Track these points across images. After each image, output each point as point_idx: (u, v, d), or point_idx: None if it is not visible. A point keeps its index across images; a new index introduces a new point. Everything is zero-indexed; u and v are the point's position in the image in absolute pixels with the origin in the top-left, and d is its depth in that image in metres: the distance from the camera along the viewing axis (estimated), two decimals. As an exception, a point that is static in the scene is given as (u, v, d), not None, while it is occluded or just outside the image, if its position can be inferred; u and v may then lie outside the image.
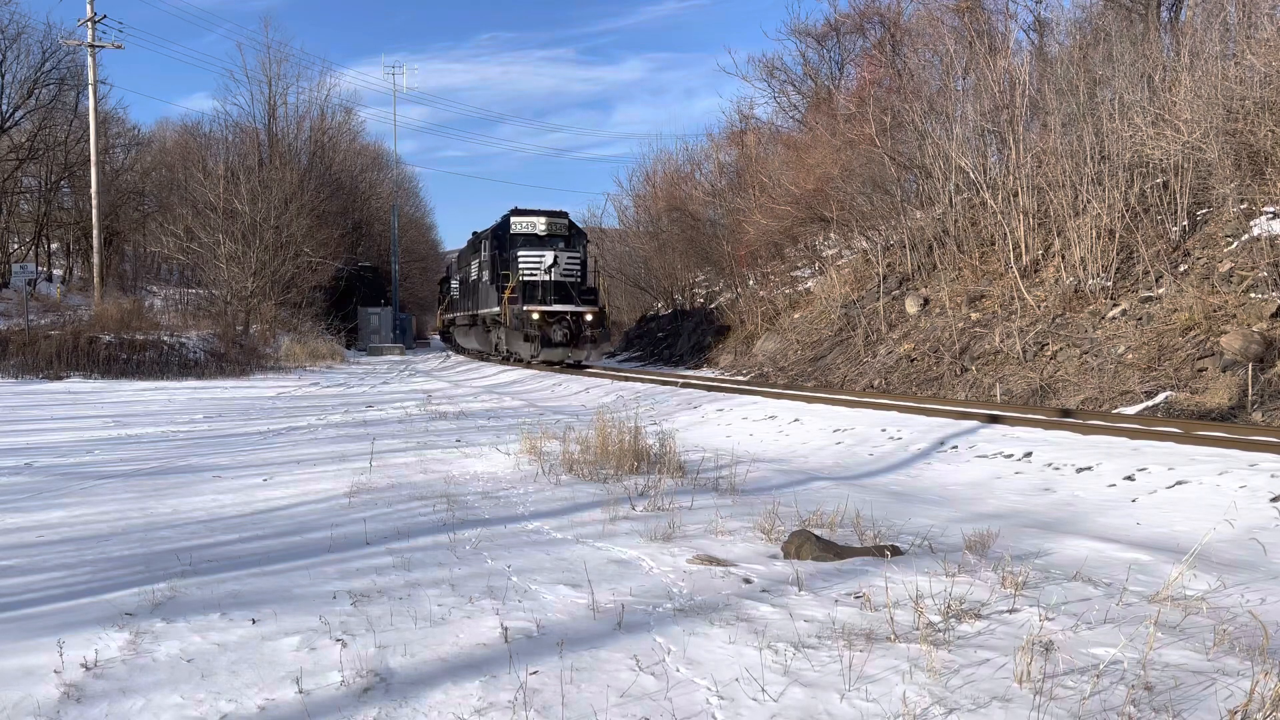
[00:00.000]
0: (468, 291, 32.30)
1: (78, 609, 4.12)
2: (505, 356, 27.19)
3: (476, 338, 30.58)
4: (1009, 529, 5.65)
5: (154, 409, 14.81)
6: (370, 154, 62.07)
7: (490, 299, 26.44)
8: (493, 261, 26.08)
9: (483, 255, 27.74)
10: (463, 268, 34.27)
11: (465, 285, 33.33)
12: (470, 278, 31.63)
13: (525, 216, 25.81)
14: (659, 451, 8.05)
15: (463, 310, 34.43)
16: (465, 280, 33.33)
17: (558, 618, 3.96)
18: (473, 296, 31.03)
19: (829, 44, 33.90)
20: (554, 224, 26.01)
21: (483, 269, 27.90)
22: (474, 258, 30.55)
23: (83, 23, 31.17)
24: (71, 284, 38.47)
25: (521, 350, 24.43)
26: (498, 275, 25.54)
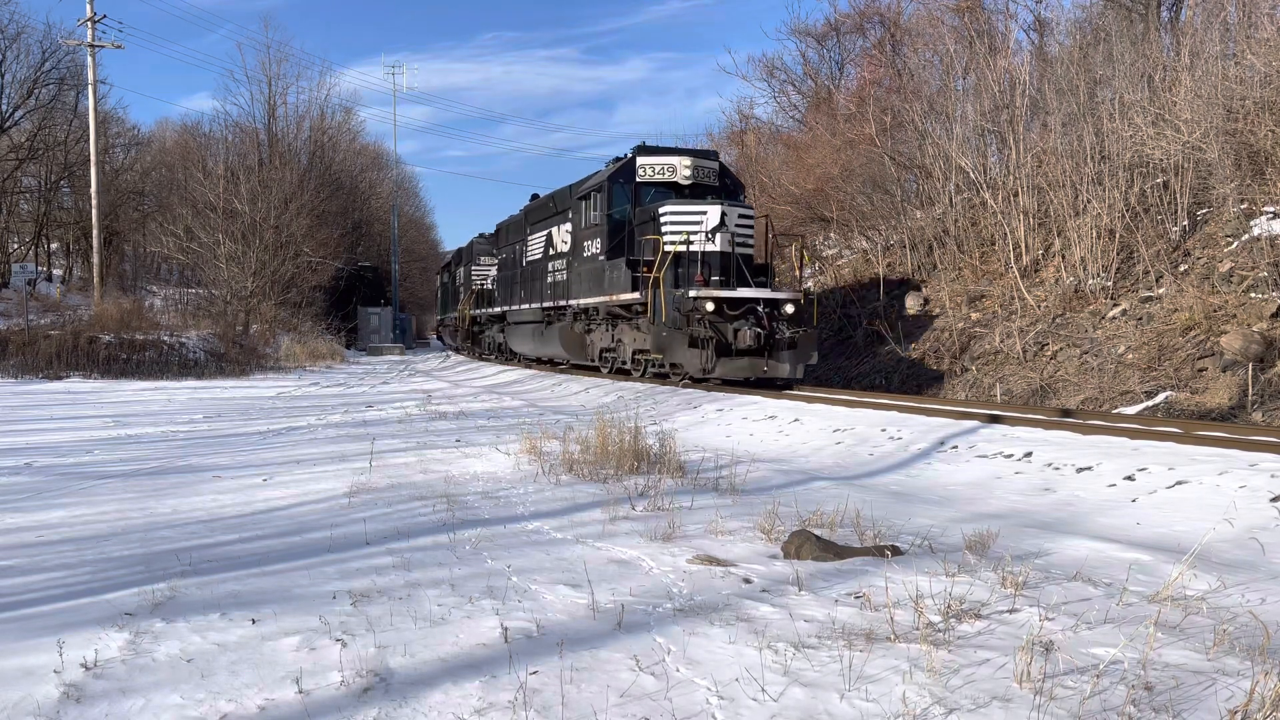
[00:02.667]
0: (520, 277, 24.45)
1: (78, 609, 4.12)
2: (629, 369, 17.55)
3: (558, 340, 20.20)
4: (1009, 529, 5.65)
5: (154, 409, 14.81)
6: (370, 154, 62.13)
7: (595, 281, 17.52)
8: (607, 225, 17.20)
9: (579, 217, 18.68)
10: (505, 246, 26.82)
11: (515, 269, 25.17)
12: (527, 257, 23.64)
13: (660, 157, 17.02)
14: (659, 451, 8.05)
15: (509, 302, 25.72)
16: (514, 262, 25.43)
17: (558, 618, 3.95)
18: (531, 283, 22.93)
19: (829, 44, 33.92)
20: (702, 168, 16.96)
21: (578, 237, 18.80)
22: (541, 226, 22.31)
23: (82, 22, 31.17)
24: (71, 284, 38.48)
25: (683, 359, 14.52)
26: (622, 244, 16.81)
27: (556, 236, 20.95)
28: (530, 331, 23.32)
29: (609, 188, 17.35)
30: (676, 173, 16.97)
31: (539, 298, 22.15)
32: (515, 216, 25.96)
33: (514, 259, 25.49)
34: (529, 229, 23.64)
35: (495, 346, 29.56)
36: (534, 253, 23.09)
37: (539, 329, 22.33)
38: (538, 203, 23.35)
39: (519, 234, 24.87)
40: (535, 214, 23.34)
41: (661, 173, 17.00)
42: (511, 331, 25.93)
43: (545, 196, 22.53)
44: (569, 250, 19.70)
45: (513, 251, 25.75)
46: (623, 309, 16.89)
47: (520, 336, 24.81)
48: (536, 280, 22.57)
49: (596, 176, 18.36)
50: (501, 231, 27.75)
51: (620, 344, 17.72)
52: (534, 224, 23.25)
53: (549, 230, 21.61)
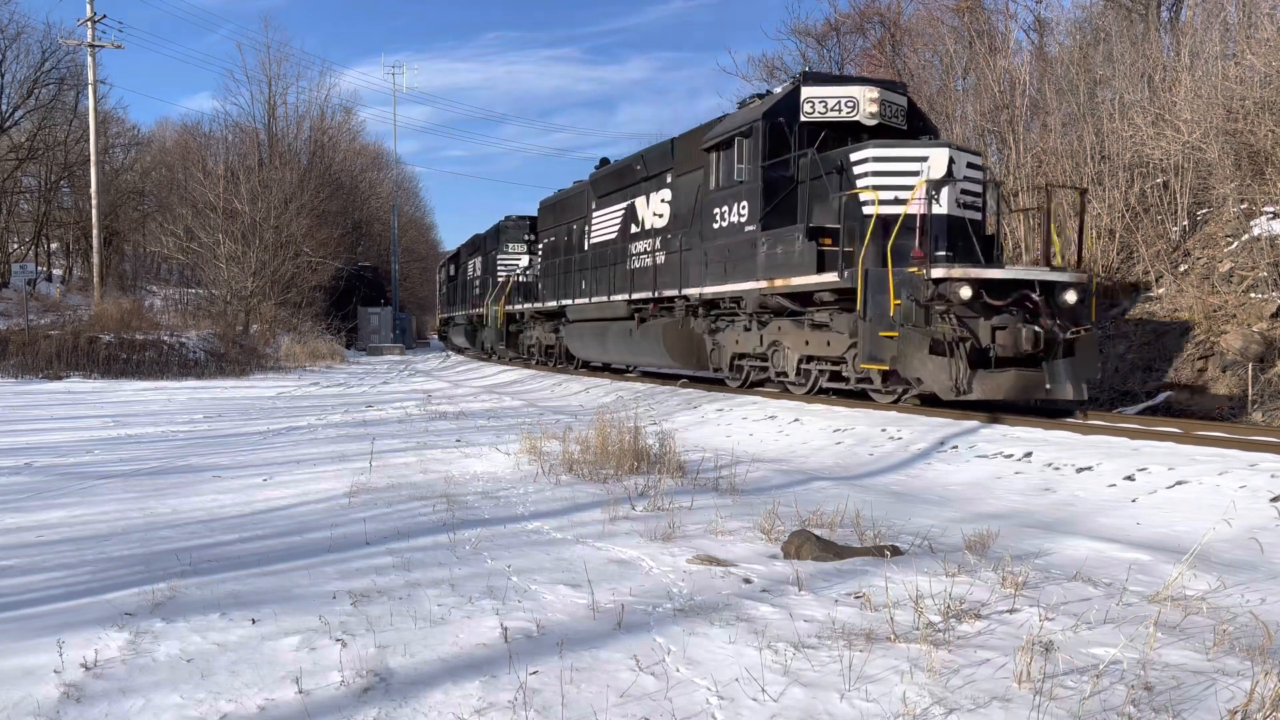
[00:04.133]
0: (581, 264, 19.77)
1: (77, 609, 4.12)
2: (791, 385, 12.81)
3: (658, 343, 15.55)
4: (1009, 529, 5.65)
5: (154, 409, 14.81)
6: (370, 154, 62.17)
7: (738, 261, 12.78)
8: (760, 182, 12.26)
9: (704, 176, 13.80)
10: (554, 227, 22.28)
11: (571, 254, 20.53)
12: (591, 238, 19.23)
13: (834, 87, 12.38)
14: (659, 451, 8.05)
15: (564, 295, 20.73)
16: (569, 245, 20.89)
17: (558, 618, 3.95)
18: (600, 271, 18.43)
19: (829, 44, 33.89)
20: (891, 104, 12.41)
21: (705, 203, 13.92)
22: (616, 199, 17.94)
23: (82, 22, 31.18)
24: (71, 284, 38.48)
25: (924, 372, 9.85)
26: (786, 207, 12.16)
27: (644, 209, 16.64)
28: (603, 332, 18.35)
29: (763, 130, 12.16)
30: (859, 108, 12.16)
31: (615, 288, 17.47)
32: (571, 190, 21.68)
33: (570, 242, 20.83)
34: (595, 203, 19.22)
35: (543, 349, 24.36)
36: (603, 232, 18.60)
37: (621, 329, 17.34)
38: (609, 170, 18.87)
39: (577, 211, 20.53)
40: (606, 184, 18.72)
41: (837, 108, 12.18)
42: (573, 332, 20.55)
43: (625, 160, 17.98)
44: (667, 224, 15.54)
45: (567, 233, 21.26)
46: (790, 299, 12.00)
47: (586, 338, 19.69)
48: (610, 266, 17.95)
49: (734, 118, 13.25)
50: (550, 210, 22.96)
51: (778, 349, 12.81)
52: (604, 196, 18.75)
53: (629, 203, 17.31)
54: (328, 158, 49.41)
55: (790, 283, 11.60)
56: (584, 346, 20.21)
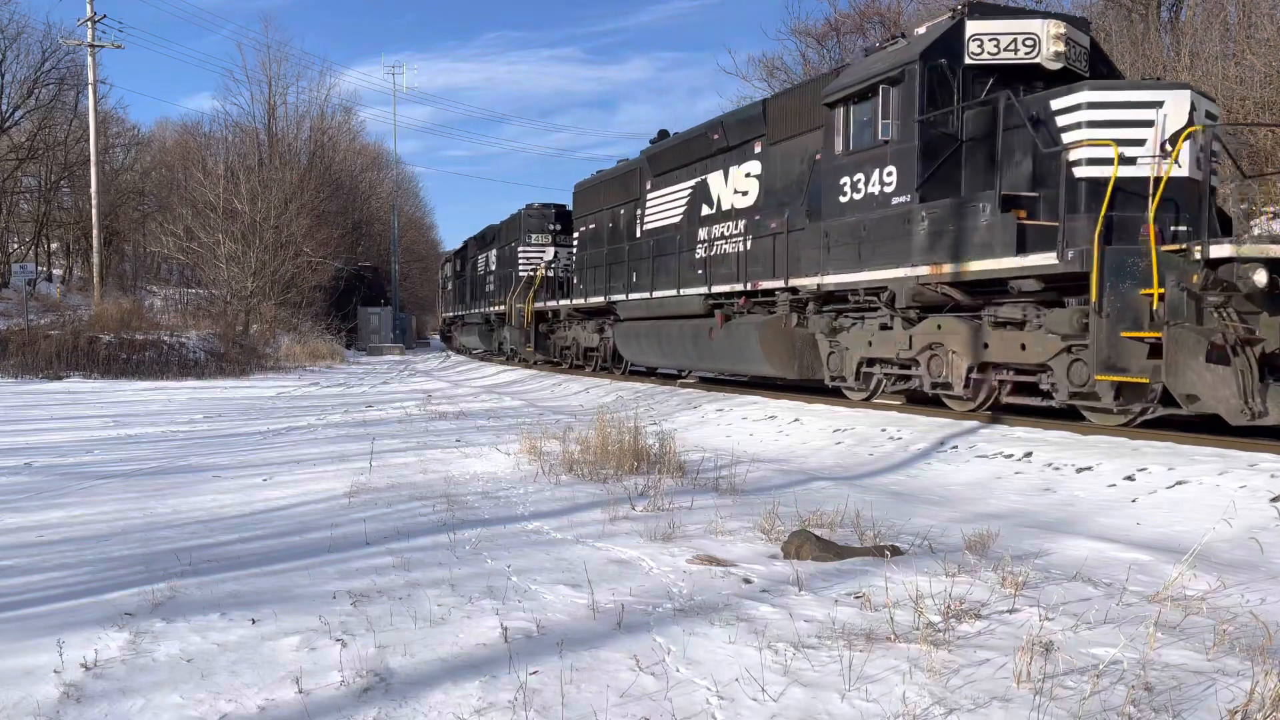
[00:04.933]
0: (634, 254, 17.42)
1: (78, 609, 4.12)
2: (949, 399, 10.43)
3: (753, 345, 12.89)
4: (1009, 529, 5.65)
5: (154, 409, 14.81)
6: (370, 154, 62.22)
7: (881, 242, 10.45)
8: (917, 139, 9.93)
9: (844, 132, 11.07)
10: (595, 213, 19.88)
11: (621, 243, 18.28)
12: (646, 223, 17.03)
13: (1007, 21, 10.00)
14: (659, 451, 8.05)
15: (610, 290, 18.42)
16: (616, 233, 18.75)
17: (558, 618, 3.95)
18: (661, 260, 16.26)
19: (829, 44, 33.89)
20: (1076, 44, 10.16)
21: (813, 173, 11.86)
22: (681, 177, 15.65)
23: (82, 22, 31.19)
24: (71, 284, 38.50)
25: (1201, 387, 7.44)
26: (949, 171, 9.94)
27: (720, 187, 14.35)
28: (666, 332, 15.86)
29: (920, 75, 9.77)
30: (1040, 48, 9.75)
31: (684, 281, 15.25)
32: (616, 170, 19.44)
33: (617, 228, 18.74)
34: (650, 183, 16.87)
35: (581, 352, 21.68)
36: (662, 215, 16.38)
37: (692, 329, 14.79)
38: (671, 143, 16.44)
39: (626, 193, 18.26)
40: (666, 160, 16.31)
41: (1012, 48, 9.82)
42: (625, 332, 17.96)
43: (693, 130, 15.63)
44: (756, 203, 13.26)
45: (611, 219, 19.06)
46: (963, 289, 9.64)
47: (642, 339, 17.11)
48: (673, 255, 15.72)
49: (871, 64, 10.82)
50: (589, 194, 20.56)
51: (937, 353, 10.20)
52: (663, 174, 16.37)
53: (699, 180, 15.01)
54: (328, 158, 49.44)
55: (970, 268, 9.12)
56: (639, 349, 17.43)
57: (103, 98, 39.14)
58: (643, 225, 17.20)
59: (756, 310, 13.33)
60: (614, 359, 19.79)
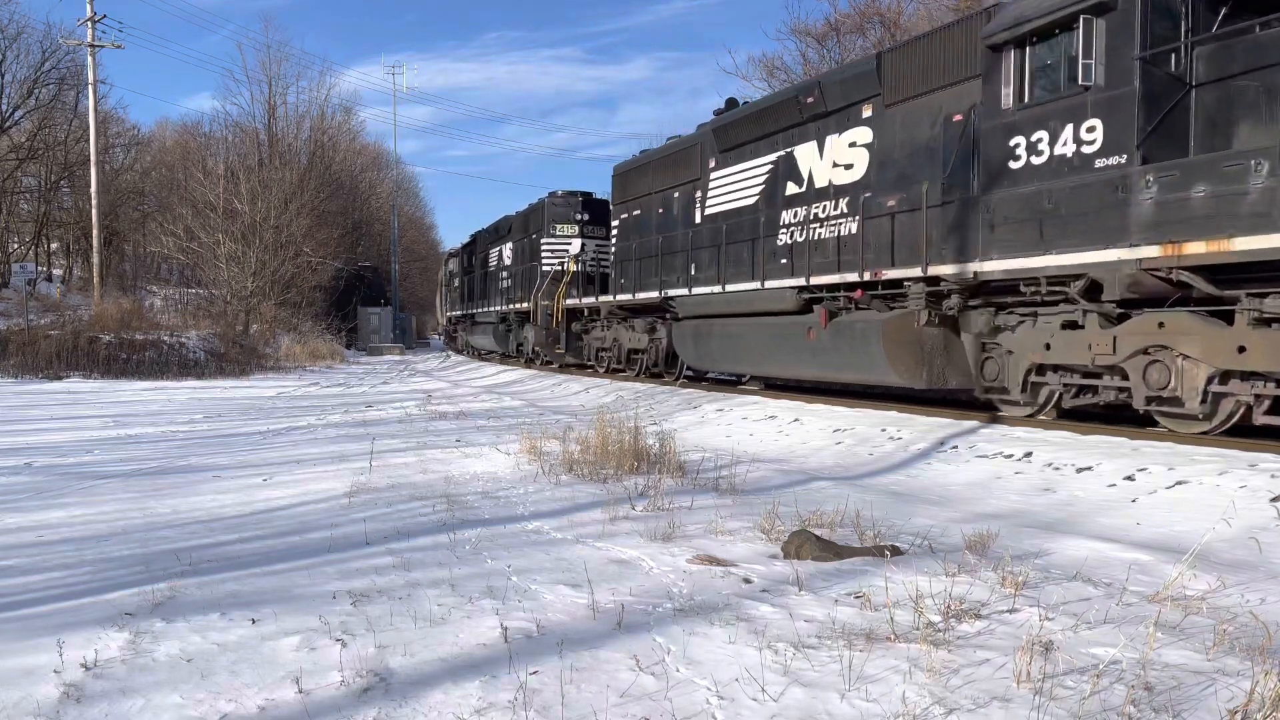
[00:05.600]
0: (685, 242, 15.41)
1: (78, 609, 4.12)
2: None
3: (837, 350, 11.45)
4: (1009, 529, 5.65)
5: (154, 409, 14.82)
6: (370, 154, 62.23)
7: (1091, 216, 8.24)
8: (1143, 86, 7.88)
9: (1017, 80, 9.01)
10: (647, 195, 17.32)
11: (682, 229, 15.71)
12: (720, 203, 14.55)
13: None
14: (659, 451, 8.05)
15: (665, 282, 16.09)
16: (658, 220, 16.75)
17: (557, 618, 3.95)
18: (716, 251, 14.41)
19: (829, 43, 33.89)
20: None
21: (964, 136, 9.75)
22: (764, 148, 13.38)
23: (82, 22, 31.20)
24: (71, 284, 38.51)
25: None
26: (1184, 120, 7.96)
27: (812, 160, 12.23)
28: (741, 332, 13.47)
29: (1139, 2, 8.05)
30: None
31: (768, 270, 12.87)
32: (669, 149, 16.79)
33: (670, 214, 16.26)
34: (715, 160, 14.65)
35: (623, 355, 19.19)
36: (731, 197, 14.17)
37: (781, 328, 12.46)
38: (744, 113, 14.28)
39: (682, 173, 15.80)
40: (738, 133, 14.03)
41: None
42: (685, 333, 15.36)
43: (774, 95, 14.35)
44: (867, 177, 11.23)
45: (663, 203, 16.58)
46: (1206, 275, 7.71)
47: (710, 340, 14.48)
48: (747, 242, 13.49)
49: None
50: (632, 177, 18.21)
51: (1159, 359, 8.15)
52: (733, 149, 14.17)
53: (783, 154, 12.83)
54: (328, 158, 49.46)
55: (1238, 246, 7.07)
56: (705, 351, 14.87)
57: (103, 98, 39.20)
58: (704, 209, 15.01)
59: (873, 306, 11.12)
60: (667, 362, 17.36)
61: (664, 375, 17.40)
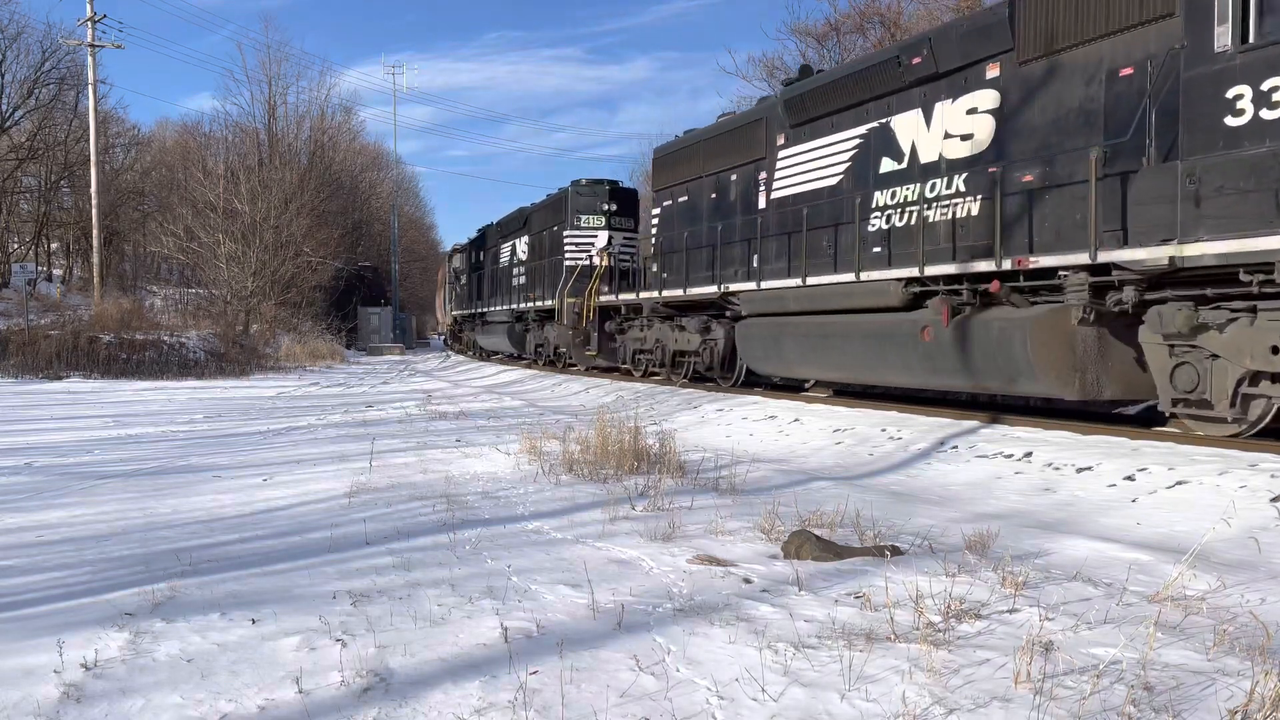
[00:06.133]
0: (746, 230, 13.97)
1: (78, 609, 4.12)
2: None
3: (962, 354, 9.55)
4: (1009, 529, 5.65)
5: (154, 409, 14.82)
6: (370, 154, 62.22)
7: None
8: None
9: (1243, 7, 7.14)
10: (692, 180, 15.91)
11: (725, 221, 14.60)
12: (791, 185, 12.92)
13: None
14: (659, 451, 8.05)
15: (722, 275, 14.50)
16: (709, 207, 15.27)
17: (558, 618, 3.95)
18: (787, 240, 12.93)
19: (829, 43, 33.88)
20: None
21: (1159, 89, 7.90)
22: (848, 120, 11.87)
23: (82, 22, 31.20)
24: (71, 284, 38.51)
25: None
26: None
27: (915, 131, 10.72)
28: (826, 332, 11.66)
29: None
30: None
31: (857, 262, 11.04)
32: (724, 126, 15.15)
33: (727, 199, 14.64)
34: (784, 136, 13.02)
35: (669, 357, 17.06)
36: (806, 177, 12.54)
37: (880, 330, 10.72)
38: (823, 81, 12.64)
39: (742, 151, 14.17)
40: (815, 104, 12.39)
41: None
42: (754, 333, 13.40)
43: (881, 53, 12.63)
44: (990, 150, 9.74)
45: (716, 188, 15.03)
46: None
47: (784, 343, 12.63)
48: (833, 228, 11.87)
49: None
50: (677, 160, 16.54)
51: None
52: (806, 124, 12.56)
53: (875, 125, 11.33)
54: (328, 158, 49.44)
55: None
56: (777, 355, 12.93)
57: (103, 98, 39.16)
58: (770, 192, 13.32)
59: (1012, 299, 9.29)
60: (724, 366, 15.16)
61: (717, 381, 15.42)
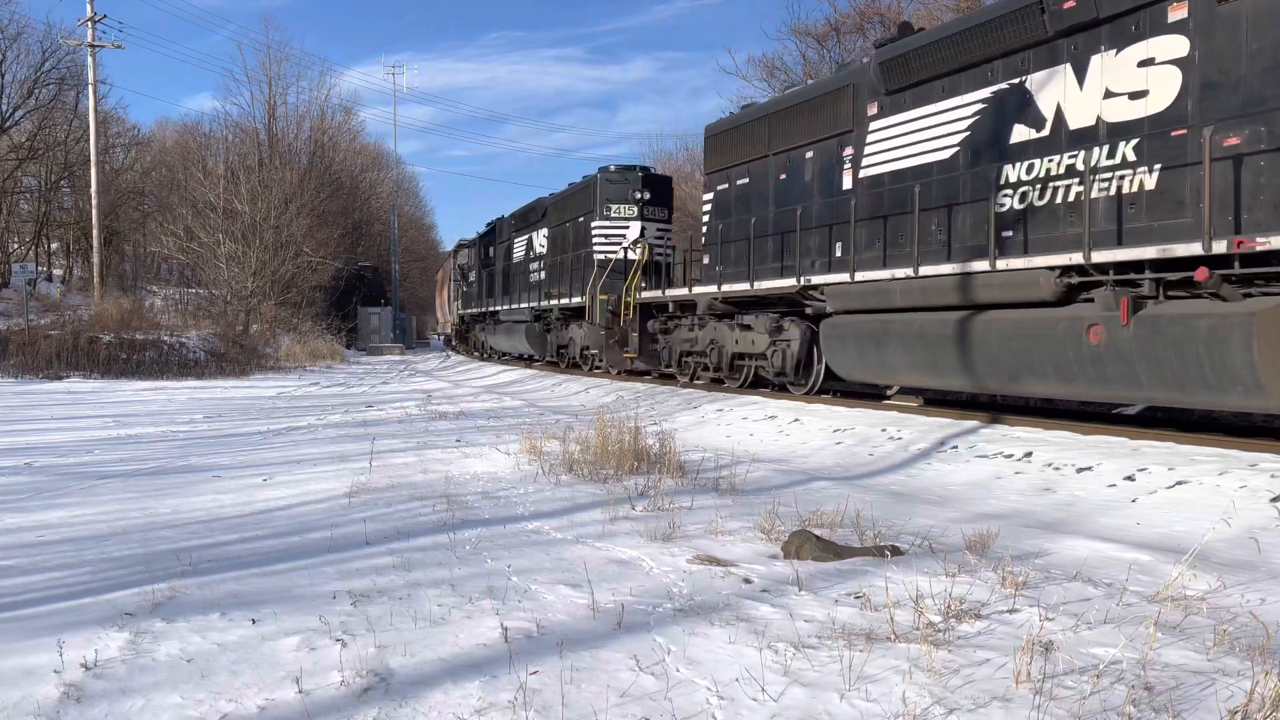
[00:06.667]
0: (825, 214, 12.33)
1: (78, 609, 4.12)
2: None
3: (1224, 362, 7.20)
4: (1009, 529, 5.65)
5: (154, 409, 14.82)
6: (370, 154, 62.22)
7: None
8: None
9: None
10: (752, 160, 14.12)
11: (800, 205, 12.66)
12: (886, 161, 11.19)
13: None
14: (659, 451, 8.05)
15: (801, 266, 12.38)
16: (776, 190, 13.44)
17: (558, 618, 3.95)
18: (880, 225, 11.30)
19: (829, 43, 33.88)
20: None
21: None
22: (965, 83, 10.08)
23: (83, 22, 31.20)
24: (71, 284, 38.51)
25: None
26: None
27: (1059, 92, 9.08)
28: (955, 333, 9.71)
29: None
30: None
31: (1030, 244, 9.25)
32: (796, 95, 13.55)
33: (798, 180, 12.94)
34: (875, 107, 11.45)
35: (726, 361, 14.78)
36: (911, 150, 10.86)
37: (1024, 326, 9.06)
38: (945, 33, 10.67)
39: (821, 126, 12.49)
40: (926, 63, 10.61)
41: None
42: (849, 332, 11.40)
43: (986, 9, 10.67)
44: (1174, 107, 8.08)
45: (783, 168, 13.29)
46: None
47: (887, 345, 10.75)
48: (947, 209, 10.28)
49: None
50: (734, 139, 14.80)
51: None
52: (913, 86, 10.84)
53: (1006, 87, 9.61)
54: (328, 158, 49.44)
55: None
56: (878, 360, 10.95)
57: (103, 98, 39.14)
58: (858, 169, 11.60)
59: (1222, 290, 7.46)
60: (799, 371, 12.93)
61: (789, 390, 13.30)
